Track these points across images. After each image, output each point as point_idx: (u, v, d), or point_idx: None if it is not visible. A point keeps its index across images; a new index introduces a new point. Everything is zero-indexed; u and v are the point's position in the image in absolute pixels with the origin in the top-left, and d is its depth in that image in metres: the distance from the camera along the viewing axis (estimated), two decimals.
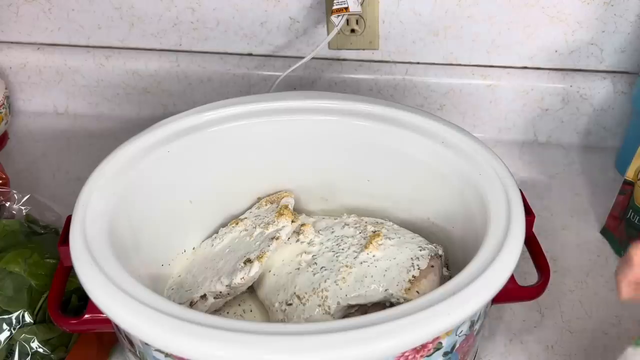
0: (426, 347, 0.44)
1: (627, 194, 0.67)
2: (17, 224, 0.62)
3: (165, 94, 0.87)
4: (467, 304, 0.43)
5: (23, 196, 0.66)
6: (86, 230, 0.49)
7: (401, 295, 0.53)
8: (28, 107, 0.90)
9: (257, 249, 0.58)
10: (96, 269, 0.45)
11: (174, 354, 0.42)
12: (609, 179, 0.79)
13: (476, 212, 0.53)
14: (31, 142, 0.86)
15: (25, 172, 0.79)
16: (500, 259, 0.46)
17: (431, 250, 0.57)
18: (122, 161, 0.56)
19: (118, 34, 0.85)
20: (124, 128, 0.61)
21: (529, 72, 0.83)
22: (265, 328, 0.41)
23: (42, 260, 0.58)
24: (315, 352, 0.40)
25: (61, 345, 0.56)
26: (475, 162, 0.55)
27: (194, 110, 0.61)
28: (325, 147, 0.63)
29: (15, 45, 0.87)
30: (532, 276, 0.52)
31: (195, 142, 0.60)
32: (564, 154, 0.84)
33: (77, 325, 0.48)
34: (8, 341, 0.54)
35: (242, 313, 0.60)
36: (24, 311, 0.55)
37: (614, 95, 0.82)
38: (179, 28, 0.84)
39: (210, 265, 0.59)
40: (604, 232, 0.72)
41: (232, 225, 0.63)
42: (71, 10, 0.84)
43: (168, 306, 0.43)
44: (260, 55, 0.85)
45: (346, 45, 0.82)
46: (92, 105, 0.89)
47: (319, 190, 0.66)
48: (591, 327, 0.62)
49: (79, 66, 0.87)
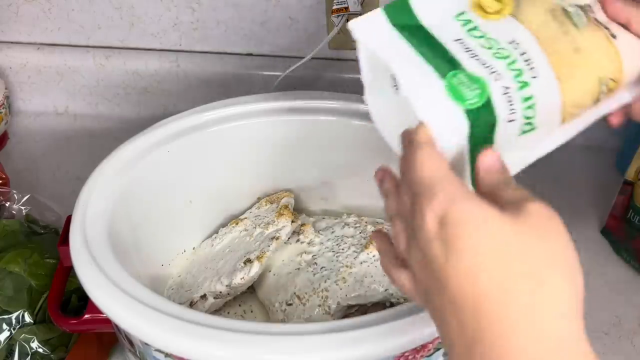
0: (426, 347, 0.44)
1: (627, 194, 0.67)
2: (17, 224, 0.62)
3: (165, 94, 0.87)
4: None
5: (23, 196, 0.66)
6: (86, 230, 0.49)
7: (401, 295, 0.53)
8: (28, 107, 0.90)
9: (257, 249, 0.58)
10: (96, 269, 0.45)
11: (174, 354, 0.42)
12: (609, 179, 0.78)
13: None
14: (31, 142, 0.86)
15: (25, 172, 0.79)
16: None
17: None
18: (122, 161, 0.56)
19: (118, 34, 0.85)
20: (124, 128, 0.61)
21: None
22: (265, 328, 0.41)
23: (42, 260, 0.58)
24: (315, 352, 0.40)
25: (61, 345, 0.56)
26: None
27: (194, 110, 0.61)
28: (325, 147, 0.63)
29: (15, 45, 0.87)
30: None
31: (195, 142, 0.60)
32: (564, 154, 0.84)
33: (77, 325, 0.48)
34: (8, 341, 0.54)
35: (242, 313, 0.60)
36: (23, 311, 0.55)
37: None
38: (179, 28, 0.84)
39: (210, 266, 0.59)
40: (604, 232, 0.72)
41: (232, 225, 0.63)
42: (71, 10, 0.84)
43: (168, 306, 0.43)
44: (260, 55, 0.85)
45: (346, 45, 0.81)
46: (92, 105, 0.89)
47: (319, 190, 0.66)
48: (591, 328, 0.62)
49: (79, 66, 0.87)
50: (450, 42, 0.40)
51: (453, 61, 0.39)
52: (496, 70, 0.39)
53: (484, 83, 0.38)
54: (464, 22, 0.41)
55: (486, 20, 0.41)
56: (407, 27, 0.41)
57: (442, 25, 0.41)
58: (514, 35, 0.40)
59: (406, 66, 0.40)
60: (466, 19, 0.41)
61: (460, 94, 0.38)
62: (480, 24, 0.41)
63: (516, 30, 0.40)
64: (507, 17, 0.41)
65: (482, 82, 0.38)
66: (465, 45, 0.40)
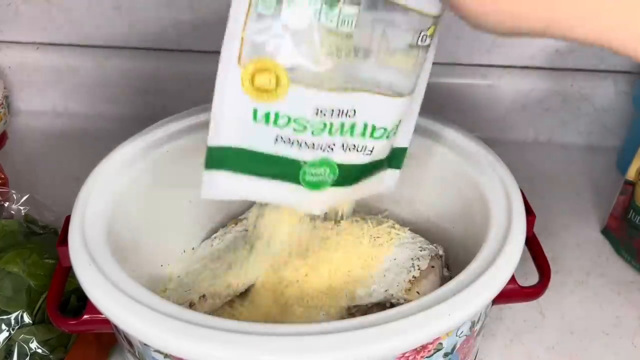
0: (426, 348, 0.44)
1: (628, 194, 0.67)
2: (16, 224, 0.62)
3: (165, 94, 0.87)
4: (468, 305, 0.43)
5: (22, 196, 0.66)
6: (85, 230, 0.49)
7: (401, 296, 0.53)
8: (27, 106, 0.90)
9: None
10: (95, 270, 0.45)
11: (173, 354, 0.42)
12: (610, 179, 0.78)
13: (477, 212, 0.53)
14: (30, 142, 0.85)
15: (24, 172, 0.79)
16: (501, 259, 0.46)
17: (431, 250, 0.57)
18: (122, 161, 0.56)
19: (118, 34, 0.85)
20: (123, 128, 0.61)
21: (530, 72, 0.82)
22: (265, 328, 0.41)
23: (41, 260, 0.58)
24: (315, 352, 0.40)
25: (60, 346, 0.56)
26: (476, 162, 0.55)
27: (194, 110, 0.61)
28: None
29: (14, 44, 0.87)
30: (532, 276, 0.51)
31: (194, 142, 0.60)
32: (564, 154, 0.84)
33: (76, 326, 0.48)
34: (7, 342, 0.54)
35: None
36: (22, 311, 0.55)
37: (615, 95, 0.81)
38: (179, 28, 0.84)
39: (210, 266, 0.59)
40: (604, 233, 0.72)
41: (231, 225, 0.63)
42: (71, 10, 0.84)
43: (167, 307, 0.43)
44: None
45: None
46: (92, 105, 0.89)
47: None
48: (592, 328, 0.62)
49: (79, 66, 0.86)
50: (270, 148, 0.43)
51: (288, 164, 0.44)
52: (323, 143, 0.43)
53: (326, 161, 0.44)
54: (264, 119, 0.42)
55: (274, 105, 0.41)
56: (232, 163, 0.44)
57: (251, 139, 0.43)
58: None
59: (266, 194, 0.46)
60: (264, 114, 0.42)
61: (317, 182, 0.45)
62: (276, 113, 0.42)
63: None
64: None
65: (324, 161, 0.44)
66: (281, 141, 0.43)
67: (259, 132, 0.42)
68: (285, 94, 0.40)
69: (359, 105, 0.42)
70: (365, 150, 0.45)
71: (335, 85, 0.41)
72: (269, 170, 0.44)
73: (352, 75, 0.41)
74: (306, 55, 0.39)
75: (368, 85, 0.42)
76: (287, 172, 0.44)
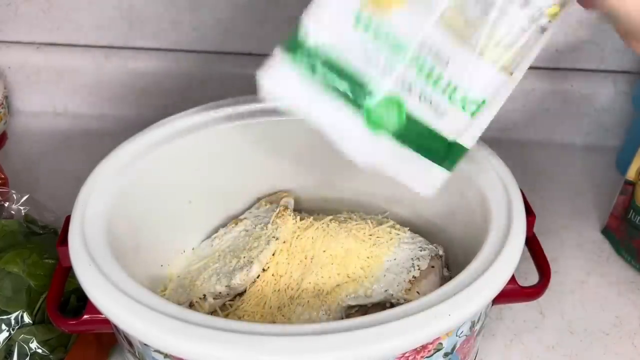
0: (426, 347, 0.44)
1: (628, 194, 0.67)
2: (16, 224, 0.62)
3: (165, 94, 0.87)
4: (468, 305, 0.43)
5: (22, 196, 0.66)
6: (85, 230, 0.49)
7: (401, 296, 0.53)
8: (27, 107, 0.90)
9: (256, 250, 0.58)
10: (95, 270, 0.45)
11: (173, 354, 0.42)
12: (610, 179, 0.78)
13: (477, 212, 0.53)
14: (30, 142, 0.85)
15: (24, 172, 0.79)
16: (501, 259, 0.46)
17: (431, 250, 0.57)
18: (122, 161, 0.56)
19: (118, 34, 0.85)
20: (123, 128, 0.61)
21: (530, 72, 0.82)
22: (265, 329, 0.41)
23: (41, 260, 0.58)
24: (315, 352, 0.40)
25: (60, 346, 0.56)
26: (476, 162, 0.55)
27: (194, 110, 0.61)
28: (325, 147, 0.62)
29: (14, 44, 0.87)
30: (532, 276, 0.51)
31: (195, 142, 0.60)
32: (564, 154, 0.84)
33: (76, 326, 0.48)
34: (7, 342, 0.54)
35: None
36: (22, 312, 0.55)
37: (614, 95, 0.81)
38: (179, 28, 0.84)
39: (210, 266, 0.59)
40: (604, 232, 0.72)
41: (231, 225, 0.63)
42: (71, 10, 0.84)
43: (167, 307, 0.43)
44: (260, 55, 0.85)
45: None
46: (92, 105, 0.89)
47: (319, 190, 0.66)
48: (592, 328, 0.62)
49: (79, 66, 0.86)
50: (356, 61, 0.41)
51: (364, 87, 0.41)
52: (406, 79, 0.41)
53: (398, 102, 0.41)
54: (364, 28, 0.40)
55: (382, 15, 0.40)
56: (311, 65, 0.42)
57: (343, 44, 0.41)
58: (415, 26, 0.40)
59: (324, 114, 0.43)
60: (365, 24, 0.40)
61: (379, 122, 0.42)
62: (380, 24, 0.40)
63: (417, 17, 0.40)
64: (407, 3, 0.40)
65: (397, 101, 0.41)
66: (370, 58, 0.41)
67: (352, 41, 0.40)
68: (402, 4, 0.39)
69: (455, 58, 0.41)
70: (438, 110, 0.42)
71: (450, 23, 0.40)
72: (342, 85, 0.41)
73: (468, 23, 0.40)
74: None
75: (474, 44, 0.41)
76: (358, 94, 0.41)
